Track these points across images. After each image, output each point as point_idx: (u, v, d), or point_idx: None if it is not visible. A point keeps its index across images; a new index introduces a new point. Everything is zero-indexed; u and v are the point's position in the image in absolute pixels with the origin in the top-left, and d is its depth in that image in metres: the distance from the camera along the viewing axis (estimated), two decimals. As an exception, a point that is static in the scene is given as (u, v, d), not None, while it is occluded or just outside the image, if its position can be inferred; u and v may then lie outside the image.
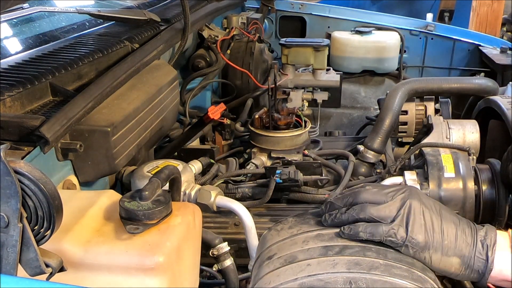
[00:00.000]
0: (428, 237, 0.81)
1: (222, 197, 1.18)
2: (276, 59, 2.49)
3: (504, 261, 0.82)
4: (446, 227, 0.83)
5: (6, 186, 0.61)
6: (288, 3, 2.81)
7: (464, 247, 0.82)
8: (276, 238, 0.92)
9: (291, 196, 1.41)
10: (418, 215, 0.82)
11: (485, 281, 0.83)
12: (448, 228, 0.83)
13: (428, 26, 2.65)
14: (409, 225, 0.81)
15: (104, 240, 0.77)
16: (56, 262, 0.66)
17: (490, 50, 2.44)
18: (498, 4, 4.35)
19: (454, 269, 0.83)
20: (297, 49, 2.21)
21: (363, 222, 0.83)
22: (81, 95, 1.04)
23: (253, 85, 2.07)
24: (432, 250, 0.81)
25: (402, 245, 0.81)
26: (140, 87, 1.28)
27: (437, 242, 0.81)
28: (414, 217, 0.81)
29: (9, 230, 0.62)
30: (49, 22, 1.67)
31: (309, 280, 0.77)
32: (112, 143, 1.07)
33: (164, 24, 1.67)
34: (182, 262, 0.82)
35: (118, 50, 1.35)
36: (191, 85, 1.89)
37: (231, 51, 2.11)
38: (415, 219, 0.81)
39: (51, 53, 1.24)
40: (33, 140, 0.89)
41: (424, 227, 0.81)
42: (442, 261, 0.82)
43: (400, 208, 0.82)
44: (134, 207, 0.78)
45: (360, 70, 2.60)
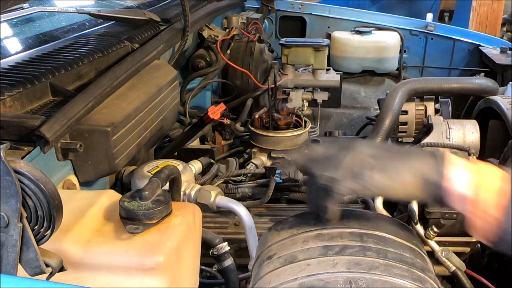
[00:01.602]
0: (375, 164, 0.83)
1: (222, 197, 1.18)
2: (276, 59, 2.49)
3: (460, 178, 0.82)
4: (395, 150, 0.86)
5: (6, 186, 0.61)
6: (288, 3, 2.81)
7: (417, 166, 0.83)
8: (276, 238, 0.92)
9: (291, 196, 1.41)
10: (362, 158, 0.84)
11: (441, 195, 0.83)
12: (398, 150, 0.86)
13: (428, 26, 2.65)
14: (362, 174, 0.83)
15: (104, 240, 0.77)
16: (56, 262, 0.66)
17: (490, 50, 2.44)
18: (498, 4, 4.35)
19: (410, 187, 0.83)
20: (297, 49, 2.21)
21: None
22: (81, 95, 1.04)
23: (253, 85, 2.07)
24: (384, 173, 0.83)
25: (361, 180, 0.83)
26: (140, 87, 1.28)
27: (387, 164, 0.83)
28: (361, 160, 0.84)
29: (9, 230, 0.62)
30: (49, 22, 1.67)
31: (309, 280, 0.77)
32: (112, 143, 1.07)
33: (164, 24, 1.67)
34: (182, 262, 0.82)
35: (118, 50, 1.35)
36: (191, 85, 1.90)
37: (231, 51, 2.11)
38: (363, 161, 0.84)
39: (51, 53, 1.24)
40: (33, 140, 0.89)
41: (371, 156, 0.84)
42: (397, 182, 0.83)
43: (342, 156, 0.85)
44: (134, 207, 0.78)
45: (360, 70, 2.60)
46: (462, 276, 1.18)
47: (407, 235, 0.93)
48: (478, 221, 0.81)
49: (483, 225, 0.81)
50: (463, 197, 0.82)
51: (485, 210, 0.80)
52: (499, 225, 0.80)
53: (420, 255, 0.89)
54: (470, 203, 0.81)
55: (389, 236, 0.89)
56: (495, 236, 0.81)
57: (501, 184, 0.81)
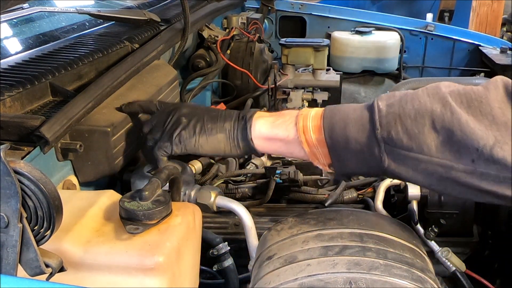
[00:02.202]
0: (190, 128, 0.97)
1: (222, 197, 1.18)
2: (276, 59, 2.49)
3: (261, 121, 0.95)
4: (209, 115, 0.98)
5: (6, 186, 0.61)
6: (288, 3, 2.81)
7: (226, 123, 0.97)
8: (276, 238, 0.92)
9: (291, 196, 1.41)
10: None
11: (251, 145, 0.96)
12: (212, 115, 0.98)
13: (428, 26, 2.65)
14: (174, 132, 0.98)
15: (104, 240, 0.77)
16: (56, 262, 0.66)
17: (490, 50, 2.44)
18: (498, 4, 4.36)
19: (223, 145, 0.98)
20: (297, 49, 2.21)
21: None
22: (81, 95, 1.04)
23: (253, 85, 2.06)
24: (198, 136, 0.97)
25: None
26: (140, 87, 1.28)
27: (201, 128, 0.97)
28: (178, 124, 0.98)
29: (9, 230, 0.62)
30: (49, 22, 1.67)
31: (309, 280, 0.77)
32: (112, 143, 1.07)
33: (164, 24, 1.67)
34: (182, 262, 0.82)
35: (118, 50, 1.35)
36: (191, 85, 1.89)
37: (231, 51, 2.11)
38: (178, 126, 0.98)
39: (51, 53, 1.24)
40: (33, 140, 0.89)
41: (188, 122, 0.98)
42: (210, 141, 0.97)
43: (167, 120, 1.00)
44: (134, 207, 0.78)
45: (360, 70, 2.60)
46: (462, 276, 1.18)
47: (407, 235, 0.93)
48: (307, 151, 0.91)
49: (313, 152, 0.90)
50: (266, 138, 0.95)
51: (301, 138, 0.90)
52: (322, 144, 0.88)
53: (420, 255, 0.89)
54: (279, 140, 0.94)
55: (389, 236, 0.89)
56: (329, 159, 0.89)
57: (310, 112, 0.92)
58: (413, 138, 0.79)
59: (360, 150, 0.84)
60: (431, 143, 0.78)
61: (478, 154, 0.75)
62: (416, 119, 0.79)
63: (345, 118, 0.86)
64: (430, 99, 0.80)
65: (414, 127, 0.79)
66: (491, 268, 1.32)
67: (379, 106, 0.83)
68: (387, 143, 0.81)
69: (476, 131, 0.75)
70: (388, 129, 0.81)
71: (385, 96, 0.86)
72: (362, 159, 0.85)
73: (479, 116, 0.76)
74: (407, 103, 0.81)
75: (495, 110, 0.76)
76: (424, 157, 0.79)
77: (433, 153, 0.78)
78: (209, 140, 0.97)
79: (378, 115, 0.82)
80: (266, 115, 0.97)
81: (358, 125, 0.84)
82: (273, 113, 0.98)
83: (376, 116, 0.82)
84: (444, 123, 0.77)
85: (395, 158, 0.82)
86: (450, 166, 0.78)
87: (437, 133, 0.78)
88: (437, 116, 0.78)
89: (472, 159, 0.76)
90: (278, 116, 0.95)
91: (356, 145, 0.84)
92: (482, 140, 0.75)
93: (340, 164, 0.89)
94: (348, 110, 0.88)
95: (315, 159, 0.91)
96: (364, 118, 0.84)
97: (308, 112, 0.92)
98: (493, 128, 0.75)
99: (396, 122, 0.80)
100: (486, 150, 0.74)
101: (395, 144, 0.81)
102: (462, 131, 0.76)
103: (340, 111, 0.88)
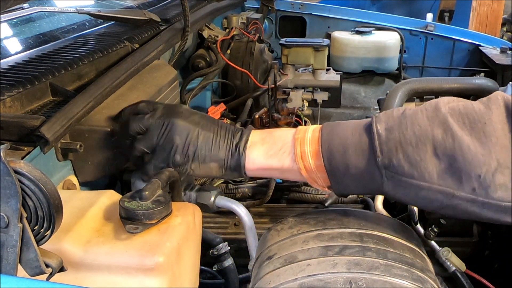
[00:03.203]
0: (184, 153, 0.93)
1: (222, 197, 1.18)
2: (276, 59, 2.49)
3: (255, 152, 0.92)
4: (203, 137, 0.93)
5: (6, 186, 0.61)
6: (288, 3, 2.81)
7: (220, 152, 0.93)
8: (276, 238, 0.92)
9: (291, 196, 1.41)
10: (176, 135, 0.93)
11: (244, 174, 0.94)
12: (205, 138, 0.93)
13: (428, 26, 2.65)
14: (169, 155, 0.93)
15: (104, 240, 0.77)
16: (56, 262, 0.66)
17: (490, 50, 2.44)
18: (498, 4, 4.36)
19: (215, 172, 0.95)
20: (297, 49, 2.21)
21: None
22: (81, 95, 1.04)
23: (253, 85, 2.07)
24: (191, 162, 0.93)
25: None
26: (140, 87, 1.28)
27: (194, 154, 0.93)
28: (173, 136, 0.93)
29: (9, 230, 0.62)
30: (49, 22, 1.67)
31: (309, 280, 0.77)
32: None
33: (164, 24, 1.67)
34: (182, 262, 0.82)
35: (118, 50, 1.35)
36: (191, 85, 1.89)
37: (231, 51, 2.11)
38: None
39: (51, 53, 1.24)
40: (33, 140, 0.89)
41: (183, 145, 0.93)
42: (202, 168, 0.94)
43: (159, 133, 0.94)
44: (134, 207, 0.78)
45: (360, 70, 2.60)
46: (462, 276, 1.18)
47: (407, 235, 0.93)
48: (305, 176, 0.89)
49: (311, 177, 0.89)
50: (261, 169, 0.93)
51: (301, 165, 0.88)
52: (321, 170, 0.86)
53: (420, 255, 0.89)
54: (273, 169, 0.92)
55: (389, 236, 0.89)
56: (328, 182, 0.88)
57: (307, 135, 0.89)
58: (415, 166, 0.78)
59: (361, 175, 0.83)
60: (432, 170, 0.77)
61: (479, 181, 0.74)
62: (418, 146, 0.78)
63: (344, 143, 0.84)
64: (430, 123, 0.78)
65: (416, 155, 0.77)
66: (491, 268, 1.32)
67: (379, 131, 0.81)
68: (388, 169, 0.80)
69: (478, 157, 0.74)
70: (389, 156, 0.79)
71: (383, 117, 0.84)
72: (361, 183, 0.84)
73: (482, 139, 0.74)
74: (407, 129, 0.79)
75: (498, 132, 0.74)
76: (425, 184, 0.78)
77: (434, 180, 0.77)
78: (201, 166, 0.94)
79: (378, 141, 0.80)
80: (259, 141, 0.93)
81: (358, 151, 0.82)
82: (265, 135, 0.94)
83: (376, 143, 0.80)
84: (446, 150, 0.76)
85: (395, 184, 0.81)
86: (451, 193, 0.76)
87: (439, 160, 0.76)
88: (438, 142, 0.76)
89: (473, 187, 0.75)
90: (272, 144, 0.92)
91: (356, 170, 0.83)
92: (485, 166, 0.73)
93: (339, 187, 0.88)
94: (346, 133, 0.85)
95: (313, 182, 0.90)
96: (364, 144, 0.82)
97: (305, 135, 0.89)
98: (497, 150, 0.74)
99: (397, 150, 0.79)
100: (489, 176, 0.73)
101: (397, 171, 0.79)
102: (464, 158, 0.74)
103: (339, 133, 0.86)
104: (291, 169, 0.89)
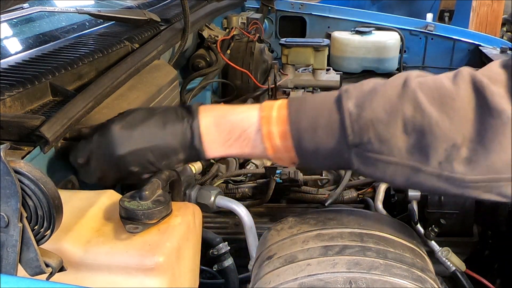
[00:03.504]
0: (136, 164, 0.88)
1: (222, 197, 1.18)
2: (276, 59, 2.49)
3: (213, 144, 0.88)
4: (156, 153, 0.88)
5: (6, 186, 0.61)
6: (288, 3, 2.81)
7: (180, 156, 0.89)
8: (276, 238, 0.92)
9: (291, 196, 1.41)
10: None
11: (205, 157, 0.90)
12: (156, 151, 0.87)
13: (428, 26, 2.65)
14: None
15: (104, 240, 0.77)
16: (56, 262, 0.66)
17: (490, 50, 2.43)
18: (498, 4, 4.36)
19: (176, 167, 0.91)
20: (297, 49, 2.21)
21: None
22: (81, 95, 1.04)
23: (253, 85, 2.07)
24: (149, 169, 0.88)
25: None
26: (140, 87, 1.28)
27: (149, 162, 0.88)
28: None
29: (9, 230, 0.62)
30: (49, 22, 1.67)
31: (309, 280, 0.77)
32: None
33: (164, 24, 1.67)
34: (182, 262, 0.82)
35: (118, 50, 1.35)
36: (191, 85, 1.89)
37: (231, 51, 2.11)
38: None
39: (51, 53, 1.24)
40: (33, 140, 0.89)
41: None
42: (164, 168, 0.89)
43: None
44: (134, 207, 0.78)
45: (360, 70, 2.59)
46: (462, 276, 1.18)
47: (407, 235, 0.93)
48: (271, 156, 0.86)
49: (277, 156, 0.87)
50: (227, 155, 0.90)
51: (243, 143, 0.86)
52: (289, 150, 0.84)
53: (420, 255, 0.89)
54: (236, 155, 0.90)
55: (389, 236, 0.89)
56: (294, 159, 0.86)
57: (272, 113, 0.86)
58: (384, 143, 0.78)
59: (330, 153, 0.82)
60: (401, 146, 0.77)
61: (445, 155, 0.75)
62: (389, 124, 0.77)
63: (313, 122, 0.82)
64: (400, 99, 0.78)
65: (386, 132, 0.78)
66: (491, 268, 1.32)
67: (349, 109, 0.80)
68: (358, 147, 0.80)
69: (446, 132, 0.74)
70: (361, 135, 0.79)
71: (353, 91, 0.82)
72: (331, 160, 0.84)
73: (451, 114, 0.75)
74: (379, 106, 0.79)
75: (465, 107, 0.75)
76: (393, 159, 0.78)
77: (403, 156, 0.77)
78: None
79: (349, 120, 0.79)
80: (213, 125, 0.88)
81: (328, 130, 0.81)
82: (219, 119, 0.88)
83: (347, 122, 0.79)
84: (415, 126, 0.76)
85: (364, 161, 0.80)
86: (419, 168, 0.77)
87: (408, 136, 0.77)
88: (408, 118, 0.77)
89: (439, 161, 0.75)
90: (229, 132, 0.87)
91: (325, 149, 0.82)
92: (451, 141, 0.74)
93: (307, 165, 0.88)
94: (315, 111, 0.83)
95: (278, 160, 0.88)
96: (334, 123, 0.81)
97: (271, 114, 0.86)
98: (463, 125, 0.74)
99: (368, 128, 0.78)
100: (454, 150, 0.74)
101: (366, 148, 0.79)
102: (432, 133, 0.75)
103: (307, 112, 0.84)
104: (254, 152, 0.87)
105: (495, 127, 0.72)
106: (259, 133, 0.85)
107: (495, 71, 0.77)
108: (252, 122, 0.86)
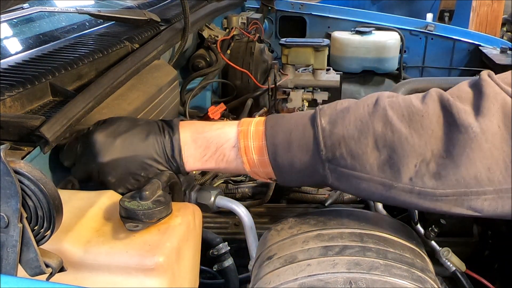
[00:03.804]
0: None
1: (222, 197, 1.18)
2: (276, 59, 2.49)
3: (190, 159, 0.91)
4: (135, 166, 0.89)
5: (6, 186, 0.61)
6: (288, 3, 2.81)
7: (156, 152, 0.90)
8: (276, 238, 0.92)
9: (291, 196, 1.41)
10: None
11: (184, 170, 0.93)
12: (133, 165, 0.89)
13: (428, 26, 2.65)
14: None
15: (104, 240, 0.77)
16: (56, 262, 0.66)
17: (490, 50, 2.44)
18: (498, 4, 4.36)
19: None
20: (297, 49, 2.21)
21: None
22: (81, 95, 1.04)
23: (253, 85, 2.07)
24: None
25: None
26: (140, 87, 1.28)
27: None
28: None
29: (9, 230, 0.62)
30: (49, 22, 1.67)
31: (309, 280, 0.77)
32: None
33: (164, 24, 1.67)
34: (182, 262, 0.82)
35: (118, 50, 1.35)
36: (191, 85, 1.89)
37: (231, 51, 2.11)
38: None
39: (51, 53, 1.24)
40: (33, 140, 0.89)
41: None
42: None
43: None
44: (134, 207, 0.78)
45: (360, 70, 2.59)
46: (462, 276, 1.18)
47: (407, 235, 0.93)
48: (248, 170, 0.89)
49: (254, 171, 0.89)
50: (205, 169, 0.94)
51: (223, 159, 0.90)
52: (265, 165, 0.87)
53: (420, 255, 0.89)
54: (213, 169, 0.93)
55: (389, 236, 0.89)
56: (270, 175, 0.89)
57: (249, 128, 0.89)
58: (356, 159, 0.80)
59: (305, 168, 0.85)
60: (373, 162, 0.79)
61: (415, 171, 0.77)
62: (360, 140, 0.80)
63: (288, 137, 0.85)
64: (371, 117, 0.81)
65: (358, 148, 0.80)
66: (491, 268, 1.32)
67: (322, 125, 0.83)
68: (331, 162, 0.82)
69: (415, 148, 0.77)
70: (333, 150, 0.82)
71: (327, 109, 0.86)
72: (306, 175, 0.87)
73: (420, 131, 0.77)
74: (350, 123, 0.82)
75: (433, 124, 0.77)
76: (366, 176, 0.80)
77: (374, 172, 0.80)
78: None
79: (322, 136, 0.82)
80: (191, 142, 0.91)
81: (302, 145, 0.84)
82: (196, 136, 0.91)
83: (320, 137, 0.82)
84: (386, 142, 0.79)
85: (338, 176, 0.83)
86: (390, 184, 0.79)
87: (379, 152, 0.79)
88: (379, 135, 0.79)
89: (410, 177, 0.77)
90: (206, 147, 0.90)
91: (300, 164, 0.85)
92: (421, 157, 0.77)
93: (284, 180, 0.90)
94: (290, 127, 0.86)
95: (255, 175, 0.91)
96: (308, 138, 0.84)
97: (248, 128, 0.89)
98: (432, 142, 0.77)
99: (340, 144, 0.81)
100: (424, 165, 0.76)
101: (339, 164, 0.82)
102: (403, 149, 0.77)
103: (283, 127, 0.87)
104: (229, 167, 0.91)
105: (462, 142, 0.74)
106: (235, 148, 0.89)
107: (463, 90, 0.81)
108: (228, 138, 0.90)
